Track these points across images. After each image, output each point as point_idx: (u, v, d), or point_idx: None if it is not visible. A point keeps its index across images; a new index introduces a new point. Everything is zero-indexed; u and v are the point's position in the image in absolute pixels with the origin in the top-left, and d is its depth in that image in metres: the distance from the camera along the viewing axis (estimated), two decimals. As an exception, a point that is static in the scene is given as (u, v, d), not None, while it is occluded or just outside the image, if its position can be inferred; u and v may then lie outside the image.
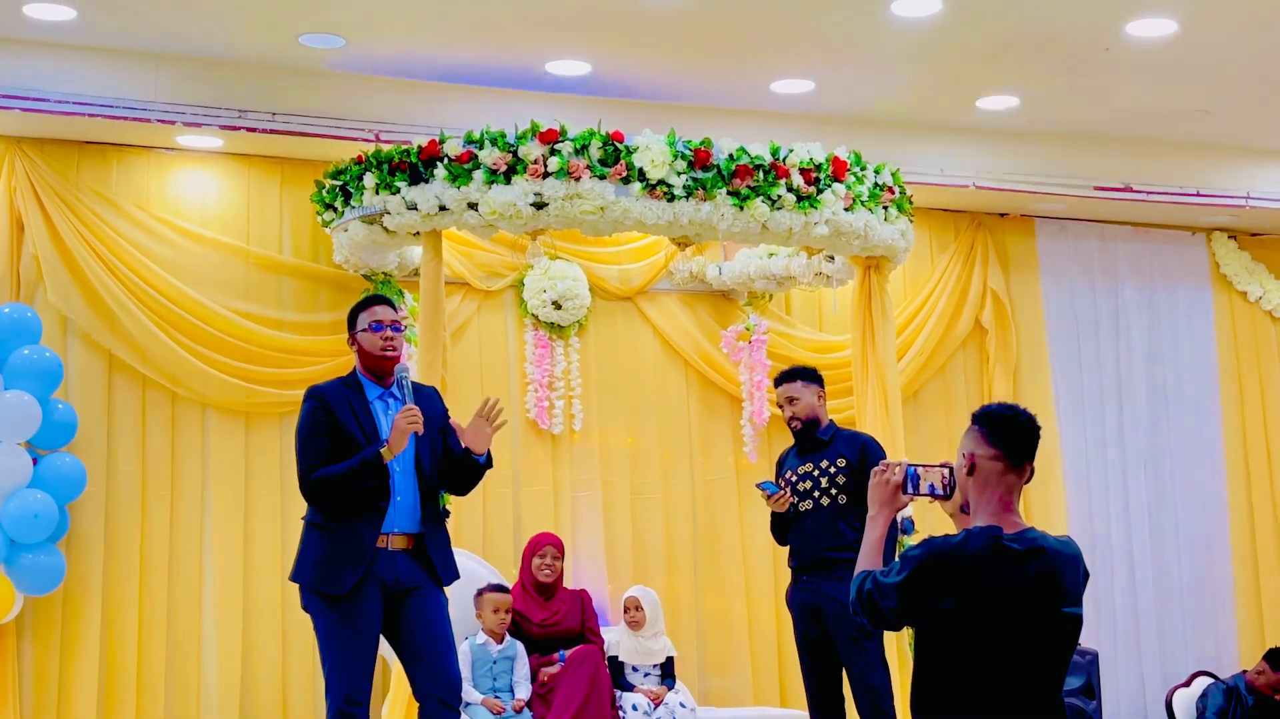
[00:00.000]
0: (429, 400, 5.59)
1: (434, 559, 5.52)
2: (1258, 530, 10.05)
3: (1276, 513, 10.09)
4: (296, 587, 5.51)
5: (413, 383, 5.58)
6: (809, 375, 6.76)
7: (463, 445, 5.59)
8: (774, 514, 6.69)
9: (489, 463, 5.64)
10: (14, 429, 7.07)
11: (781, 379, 6.78)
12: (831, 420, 6.81)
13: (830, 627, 6.45)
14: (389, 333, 5.53)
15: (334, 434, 5.39)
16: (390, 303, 5.67)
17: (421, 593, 5.50)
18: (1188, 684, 8.79)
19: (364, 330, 5.56)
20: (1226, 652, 9.75)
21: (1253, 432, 10.15)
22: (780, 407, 6.82)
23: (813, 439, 6.70)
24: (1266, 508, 10.08)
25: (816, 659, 6.58)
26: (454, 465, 5.63)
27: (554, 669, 7.39)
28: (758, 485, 6.66)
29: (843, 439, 6.70)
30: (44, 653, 7.40)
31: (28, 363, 7.16)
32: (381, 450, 5.34)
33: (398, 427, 5.35)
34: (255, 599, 7.80)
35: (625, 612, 7.79)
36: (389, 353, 5.54)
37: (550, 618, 7.64)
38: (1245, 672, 8.54)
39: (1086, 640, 8.44)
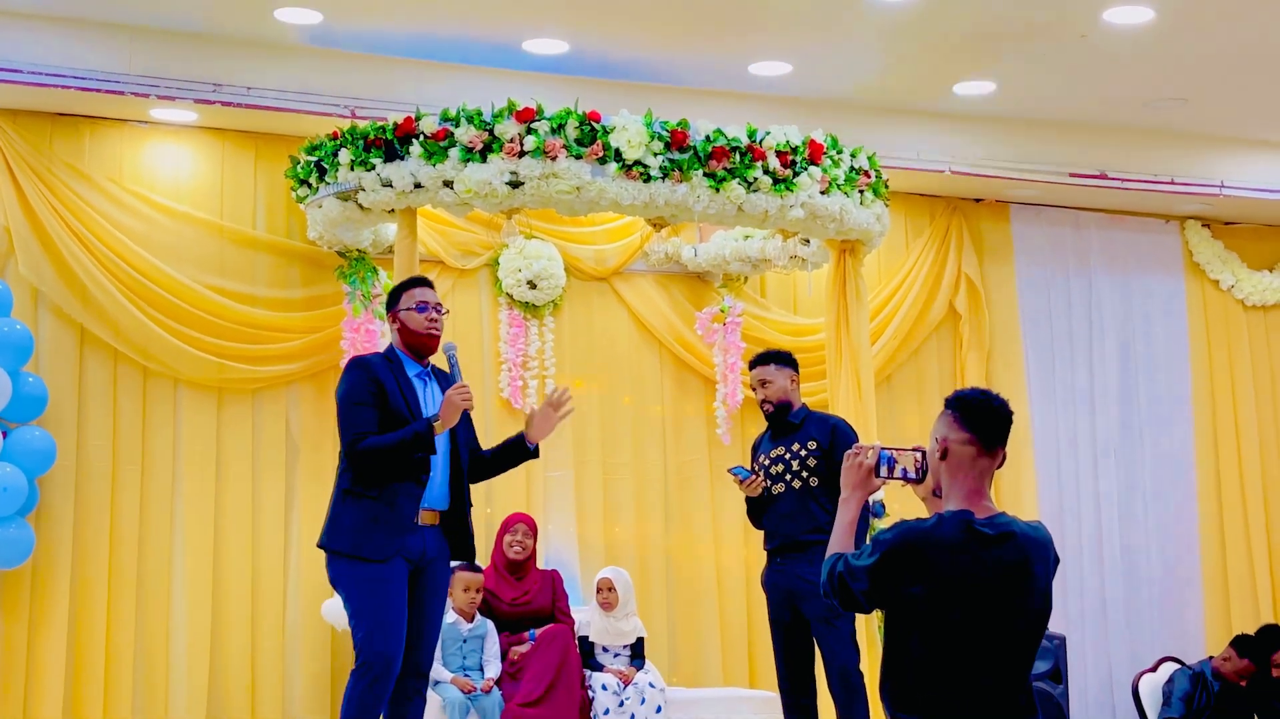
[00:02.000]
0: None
1: (462, 534, 5.65)
2: (1226, 518, 10.11)
3: (1245, 501, 10.15)
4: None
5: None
6: (783, 359, 6.77)
7: (525, 434, 5.74)
8: (748, 498, 6.71)
9: (536, 453, 5.80)
10: (-17, 402, 7.04)
11: (755, 362, 6.79)
12: (804, 404, 6.82)
13: (803, 607, 6.48)
14: (433, 314, 5.63)
15: (382, 405, 5.47)
16: (433, 285, 5.76)
17: (435, 569, 5.61)
18: (1154, 670, 8.84)
19: (408, 309, 5.63)
20: (1193, 638, 9.81)
21: (1223, 419, 10.20)
22: (753, 389, 6.83)
23: (784, 422, 6.71)
24: (1235, 496, 10.14)
25: (789, 640, 6.60)
26: (490, 460, 5.81)
27: (524, 648, 7.39)
28: (730, 471, 6.68)
29: (814, 422, 6.72)
30: (12, 626, 7.37)
31: (-2, 335, 7.13)
32: (434, 423, 5.41)
33: (451, 402, 5.43)
34: (225, 574, 7.79)
35: (598, 592, 7.79)
36: (434, 332, 5.64)
37: (521, 597, 7.65)
38: (1212, 658, 8.60)
39: (1054, 625, 8.47)
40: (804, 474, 6.58)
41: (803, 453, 6.61)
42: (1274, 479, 10.25)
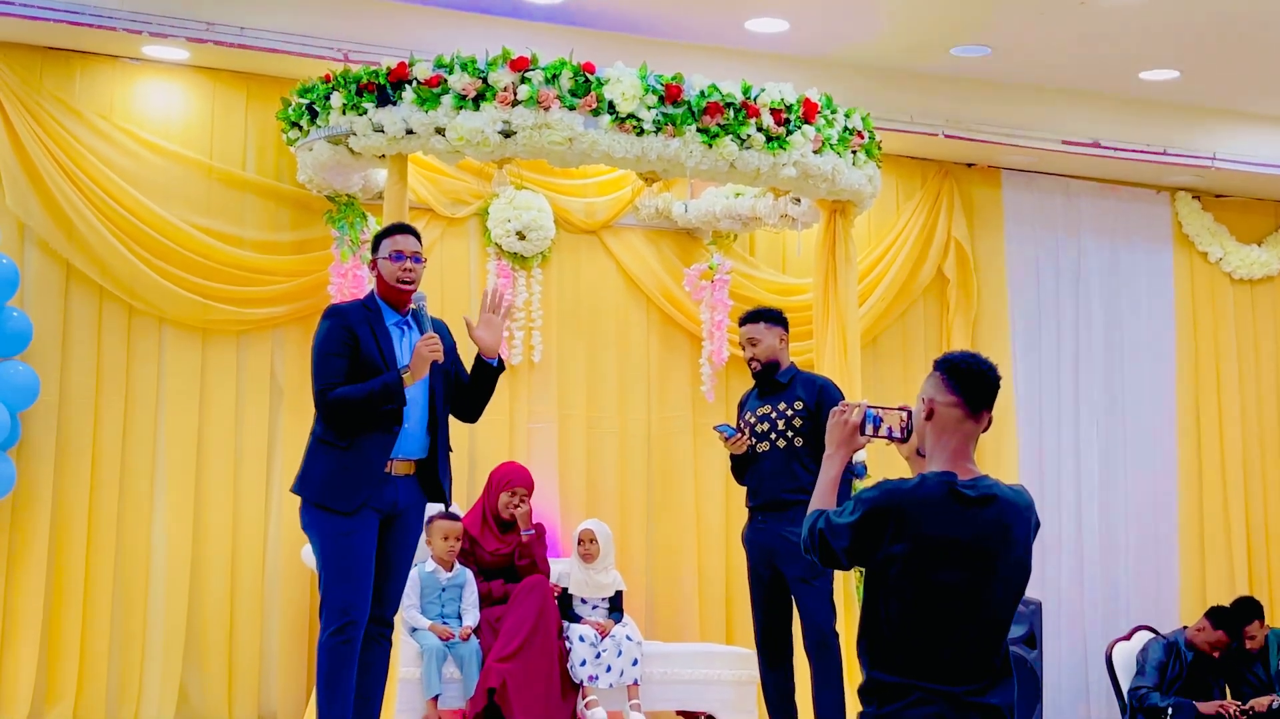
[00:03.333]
0: (442, 332, 5.67)
1: (440, 482, 5.65)
2: (1205, 489, 10.15)
3: (1225, 473, 10.19)
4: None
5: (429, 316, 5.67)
6: (772, 317, 6.76)
7: (473, 343, 5.68)
8: (733, 455, 6.72)
9: (501, 366, 5.74)
10: (-33, 335, 7.02)
11: (745, 320, 6.77)
12: (792, 363, 6.82)
13: (783, 566, 6.50)
14: (409, 264, 5.60)
15: (354, 355, 5.47)
16: (414, 233, 5.72)
17: (407, 518, 5.63)
18: (1128, 638, 8.90)
19: (384, 258, 5.62)
20: (1168, 608, 9.87)
21: (1206, 391, 10.23)
22: (742, 347, 6.82)
23: (771, 381, 6.71)
24: (1215, 468, 10.18)
25: (768, 599, 6.63)
26: (467, 388, 5.73)
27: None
28: (715, 428, 6.68)
29: (801, 382, 6.72)
30: (-9, 561, 7.39)
31: (-17, 269, 7.10)
32: (404, 375, 5.41)
33: (419, 354, 5.44)
34: (206, 513, 7.79)
35: (579, 543, 7.80)
36: (405, 284, 5.61)
37: (503, 548, 7.68)
38: (1186, 628, 8.65)
39: (1031, 590, 8.50)
40: (789, 434, 6.59)
41: (789, 413, 6.61)
42: (1254, 453, 10.29)
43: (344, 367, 5.46)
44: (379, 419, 5.45)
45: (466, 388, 5.76)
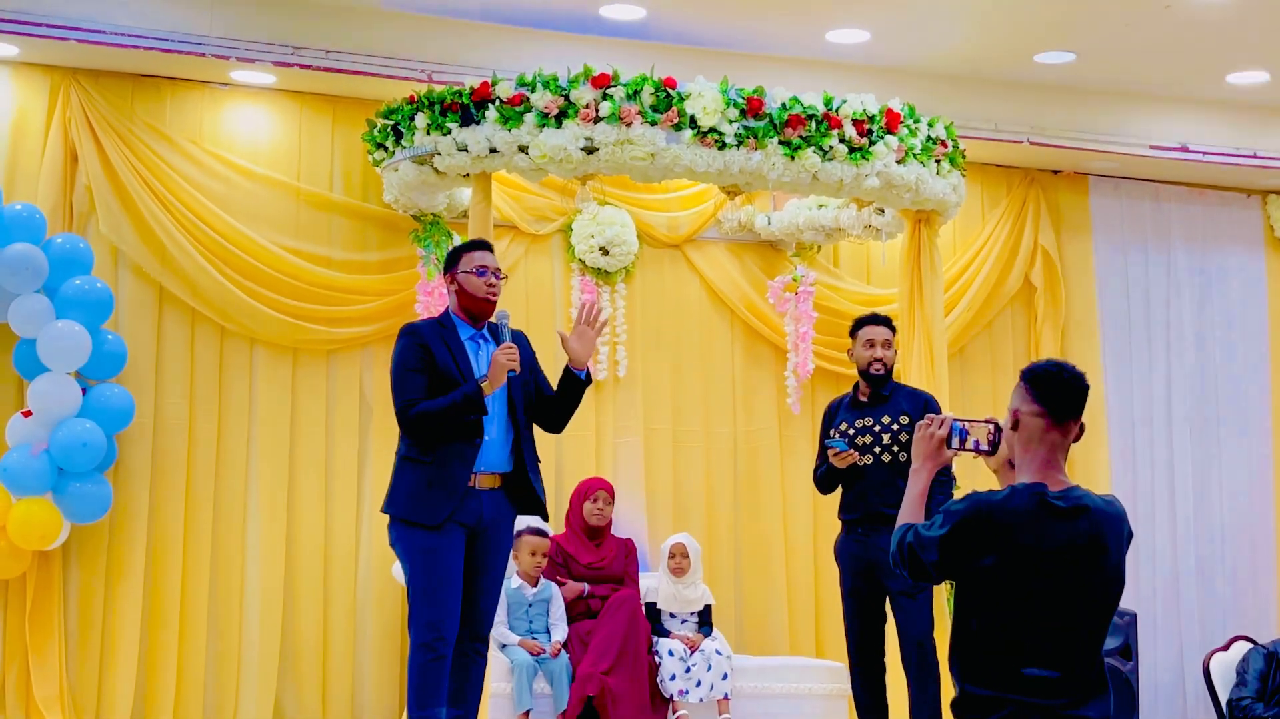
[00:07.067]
0: (521, 343, 5.71)
1: (535, 491, 5.67)
2: (1302, 496, 9.99)
3: (1323, 480, 10.03)
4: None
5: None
6: (894, 326, 6.77)
7: (565, 353, 5.69)
8: (830, 465, 6.63)
9: (589, 379, 5.75)
10: (64, 359, 7.14)
11: (877, 320, 6.69)
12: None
13: (886, 580, 6.43)
14: (491, 279, 5.67)
15: (431, 370, 5.55)
16: (492, 248, 5.79)
17: (495, 532, 5.64)
18: (1226, 648, 8.74)
19: (467, 273, 5.68)
20: (1266, 617, 9.71)
21: (1301, 397, 10.07)
22: (868, 347, 6.68)
23: (877, 392, 6.64)
24: (1313, 474, 10.02)
25: (863, 611, 6.56)
26: (553, 399, 5.76)
27: (579, 586, 7.57)
28: (826, 443, 6.60)
29: (904, 395, 6.65)
30: (89, 580, 7.50)
31: (79, 293, 7.23)
32: (482, 384, 5.46)
33: (497, 362, 5.50)
34: (298, 532, 7.87)
35: (670, 557, 7.81)
36: (492, 297, 5.69)
37: (597, 561, 7.72)
38: (1285, 638, 8.51)
39: (1125, 601, 8.38)
40: (894, 448, 6.51)
41: (894, 426, 6.53)
42: (1353, 459, 10.11)
43: (423, 382, 5.53)
44: (461, 431, 5.51)
45: (552, 399, 5.78)
